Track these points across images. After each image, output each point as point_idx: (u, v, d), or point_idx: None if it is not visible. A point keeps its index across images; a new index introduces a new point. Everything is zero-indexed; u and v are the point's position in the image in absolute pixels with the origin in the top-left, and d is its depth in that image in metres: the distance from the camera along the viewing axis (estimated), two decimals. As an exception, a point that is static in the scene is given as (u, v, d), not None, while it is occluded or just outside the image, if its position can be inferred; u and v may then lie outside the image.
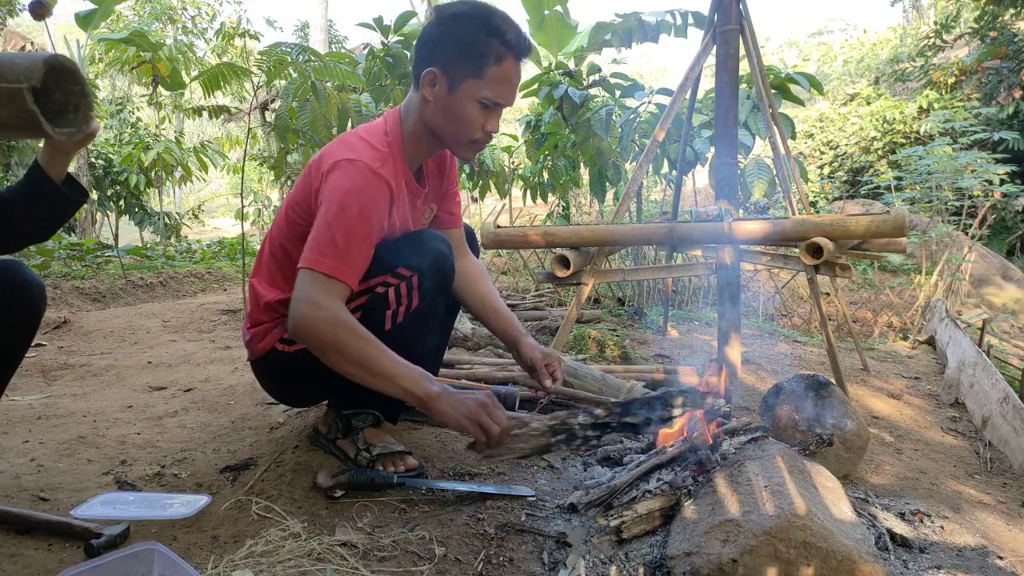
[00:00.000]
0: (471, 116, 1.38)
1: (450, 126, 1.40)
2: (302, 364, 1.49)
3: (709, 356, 2.78)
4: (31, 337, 1.31)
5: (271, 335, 1.53)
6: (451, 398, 1.29)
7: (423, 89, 1.38)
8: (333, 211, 1.32)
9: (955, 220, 5.30)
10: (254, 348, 1.56)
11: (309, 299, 1.27)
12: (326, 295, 1.29)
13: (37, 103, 0.99)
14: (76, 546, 1.18)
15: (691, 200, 6.35)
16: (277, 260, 1.54)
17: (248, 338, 1.57)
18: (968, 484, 1.81)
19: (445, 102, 1.37)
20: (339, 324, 1.27)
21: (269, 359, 1.55)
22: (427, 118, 1.42)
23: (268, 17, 30.84)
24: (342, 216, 1.31)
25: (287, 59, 3.34)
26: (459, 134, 1.41)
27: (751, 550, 1.07)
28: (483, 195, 6.21)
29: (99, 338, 3.29)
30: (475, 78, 1.34)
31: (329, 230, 1.31)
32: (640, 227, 2.52)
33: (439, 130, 1.42)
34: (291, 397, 1.70)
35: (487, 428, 1.28)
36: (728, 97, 2.47)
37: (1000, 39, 9.30)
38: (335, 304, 1.29)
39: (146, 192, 10.63)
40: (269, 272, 1.55)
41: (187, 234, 12.39)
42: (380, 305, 1.42)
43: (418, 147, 1.48)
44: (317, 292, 1.29)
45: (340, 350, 1.27)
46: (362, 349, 1.27)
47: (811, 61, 19.95)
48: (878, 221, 2.03)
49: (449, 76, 1.35)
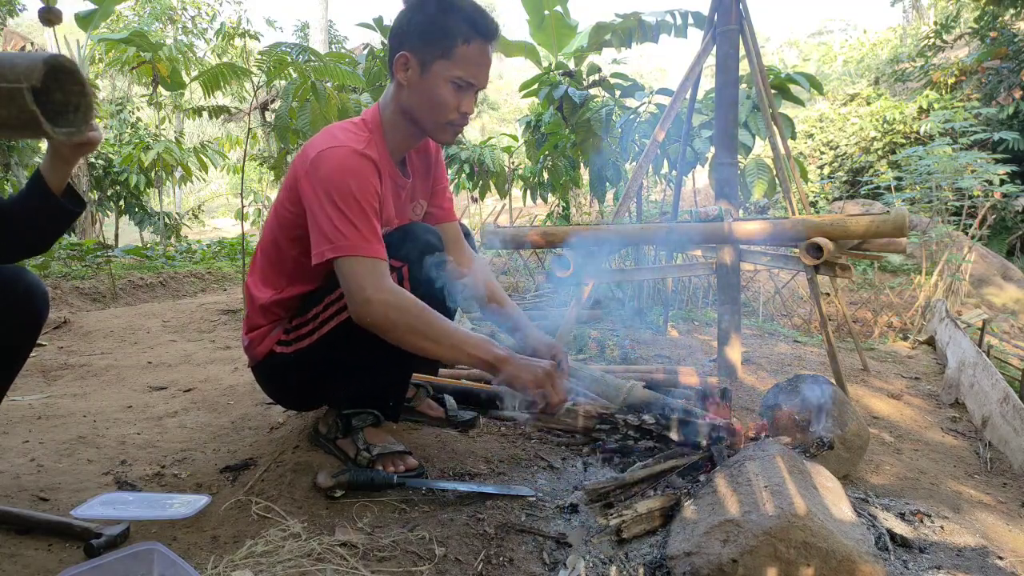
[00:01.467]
0: (445, 97, 1.41)
1: (426, 108, 1.43)
2: (301, 366, 1.51)
3: (709, 357, 2.78)
4: (33, 342, 1.31)
5: (268, 338, 1.53)
6: (520, 362, 1.36)
7: (397, 74, 1.42)
8: (336, 195, 1.33)
9: (955, 220, 5.30)
10: (253, 353, 1.57)
11: (365, 287, 1.30)
12: (378, 278, 1.32)
13: (37, 103, 0.99)
14: (76, 546, 1.18)
15: (691, 200, 6.35)
16: (269, 258, 1.54)
17: (246, 344, 1.58)
18: (968, 484, 1.81)
19: (419, 85, 1.41)
20: (404, 307, 1.31)
21: (268, 363, 1.55)
22: (403, 102, 1.45)
23: (268, 17, 30.83)
24: (346, 198, 1.33)
25: (287, 59, 3.34)
26: (435, 116, 1.44)
27: (751, 550, 1.07)
28: (483, 195, 6.21)
29: (99, 338, 3.29)
30: (445, 59, 1.38)
31: (340, 213, 1.32)
32: (640, 227, 2.53)
33: (416, 113, 1.45)
34: (292, 400, 1.71)
35: (548, 396, 1.35)
36: (728, 97, 2.47)
37: (1000, 39, 9.30)
38: (389, 285, 1.33)
39: (146, 192, 10.63)
40: (262, 271, 1.56)
41: (187, 234, 12.40)
42: None
43: (398, 135, 1.50)
44: (368, 278, 1.31)
45: (412, 330, 1.32)
46: (430, 323, 1.32)
47: (811, 61, 19.95)
48: (878, 221, 2.03)
49: (420, 59, 1.39)
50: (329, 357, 1.48)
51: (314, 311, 1.48)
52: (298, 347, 1.49)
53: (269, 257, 1.54)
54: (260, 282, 1.55)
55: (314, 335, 1.47)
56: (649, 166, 3.05)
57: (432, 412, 1.89)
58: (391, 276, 1.39)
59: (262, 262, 1.56)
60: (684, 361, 2.73)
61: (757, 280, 5.00)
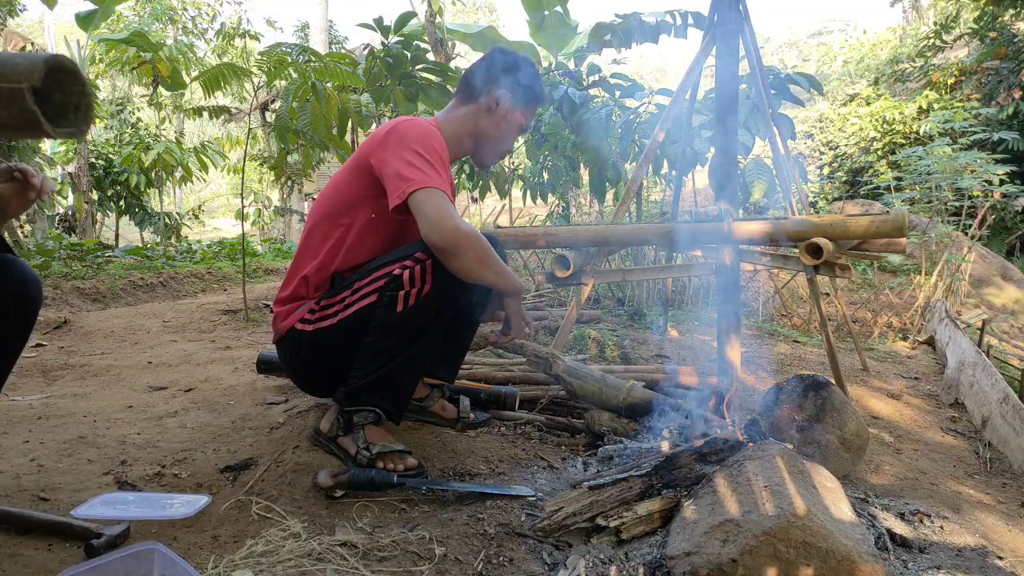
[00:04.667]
0: (513, 135, 1.77)
1: (496, 138, 1.75)
2: (316, 344, 1.58)
3: (708, 357, 2.78)
4: (28, 331, 1.31)
5: (293, 315, 1.62)
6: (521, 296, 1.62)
7: (487, 102, 1.71)
8: (417, 145, 1.50)
9: (955, 220, 5.30)
10: (277, 327, 1.66)
11: (452, 214, 1.44)
12: (452, 207, 1.47)
13: (38, 103, 0.99)
14: (76, 546, 1.18)
15: (691, 200, 6.35)
16: (317, 234, 1.65)
17: (272, 318, 1.68)
18: (968, 484, 1.81)
19: (502, 119, 1.73)
20: (474, 236, 1.46)
21: (288, 339, 1.63)
22: (483, 126, 1.72)
23: (268, 17, 30.82)
24: (427, 148, 1.51)
25: (287, 60, 3.35)
26: (500, 146, 1.77)
27: (751, 550, 1.08)
28: (483, 195, 6.20)
29: (99, 338, 3.29)
30: (524, 109, 1.75)
31: (419, 156, 1.48)
32: (640, 227, 2.53)
33: (487, 139, 1.73)
34: (307, 380, 1.74)
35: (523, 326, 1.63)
36: (728, 98, 2.47)
37: (1000, 39, 9.30)
38: (460, 217, 1.47)
39: (146, 192, 10.65)
40: (308, 247, 1.65)
41: (187, 234, 12.40)
42: (395, 286, 1.49)
43: (456, 148, 1.72)
44: (446, 207, 1.44)
45: (480, 260, 1.47)
46: (489, 253, 1.49)
47: (811, 61, 19.94)
48: (878, 221, 2.03)
49: (512, 102, 1.73)
50: (344, 341, 1.55)
51: (343, 295, 1.56)
52: (318, 326, 1.57)
53: (317, 234, 1.64)
54: (307, 255, 1.65)
55: (336, 316, 1.55)
56: (649, 166, 3.05)
57: (446, 414, 1.89)
58: (415, 267, 1.49)
59: (308, 241, 1.66)
60: (684, 361, 2.73)
61: (757, 280, 5.00)
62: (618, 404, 1.87)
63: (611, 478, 1.37)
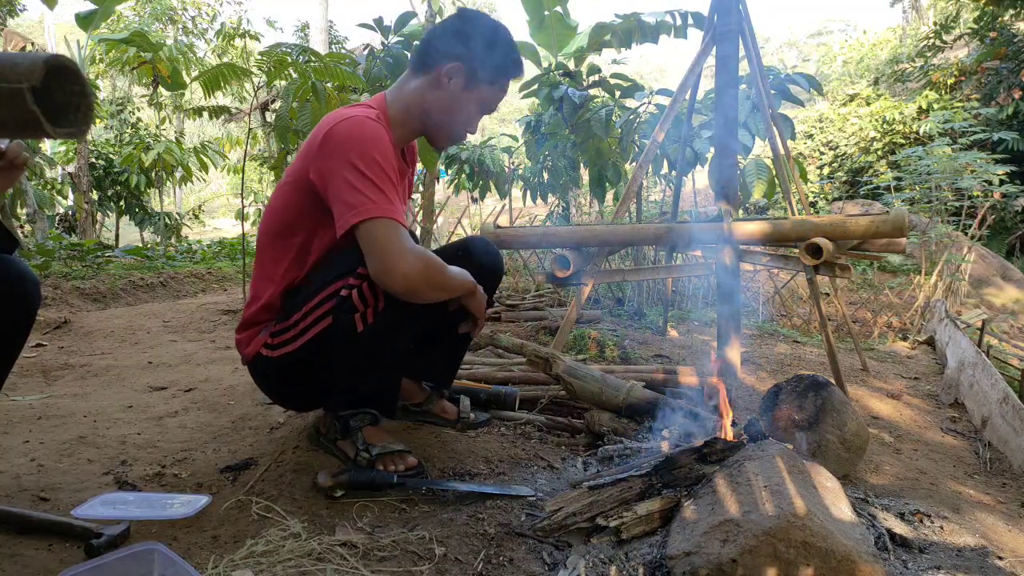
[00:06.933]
0: (470, 113, 1.53)
1: (450, 116, 1.52)
2: (286, 370, 1.50)
3: (709, 357, 2.78)
4: (27, 330, 1.31)
5: (255, 340, 1.52)
6: (479, 292, 1.57)
7: (441, 76, 1.47)
8: (356, 159, 1.33)
9: (955, 220, 5.30)
10: (243, 353, 1.57)
11: (392, 253, 1.32)
12: (406, 239, 1.35)
13: (38, 103, 0.99)
14: (76, 546, 1.18)
15: (691, 200, 6.35)
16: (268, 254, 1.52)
17: (236, 342, 1.58)
18: (968, 484, 1.81)
19: (456, 94, 1.49)
20: (425, 272, 1.37)
21: (256, 364, 1.54)
22: (430, 103, 1.50)
23: (268, 17, 30.82)
24: (367, 160, 1.34)
25: (287, 60, 3.35)
26: (453, 124, 1.54)
27: (751, 550, 1.08)
28: (483, 195, 6.21)
29: (99, 338, 3.29)
30: (488, 85, 1.51)
31: (361, 176, 1.33)
32: (640, 227, 2.53)
33: (436, 115, 1.52)
34: (286, 401, 1.69)
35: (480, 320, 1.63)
36: (728, 97, 2.48)
37: (1000, 40, 9.30)
38: (415, 247, 1.36)
39: (146, 192, 10.65)
40: (261, 268, 1.54)
41: (187, 234, 12.41)
42: (348, 308, 1.40)
43: (404, 128, 1.54)
44: (393, 242, 1.32)
45: (435, 287, 1.42)
46: (443, 273, 1.43)
47: (811, 62, 19.96)
48: (878, 222, 2.03)
49: (469, 75, 1.48)
50: (313, 363, 1.47)
51: (295, 318, 1.44)
52: (283, 351, 1.46)
53: (270, 254, 1.53)
54: (263, 280, 1.53)
55: (297, 341, 1.44)
56: (649, 166, 3.05)
57: (446, 414, 1.88)
58: (362, 284, 1.39)
59: (260, 260, 1.55)
60: (684, 361, 2.73)
61: (757, 280, 5.00)
62: (618, 404, 1.87)
63: (611, 478, 1.37)
